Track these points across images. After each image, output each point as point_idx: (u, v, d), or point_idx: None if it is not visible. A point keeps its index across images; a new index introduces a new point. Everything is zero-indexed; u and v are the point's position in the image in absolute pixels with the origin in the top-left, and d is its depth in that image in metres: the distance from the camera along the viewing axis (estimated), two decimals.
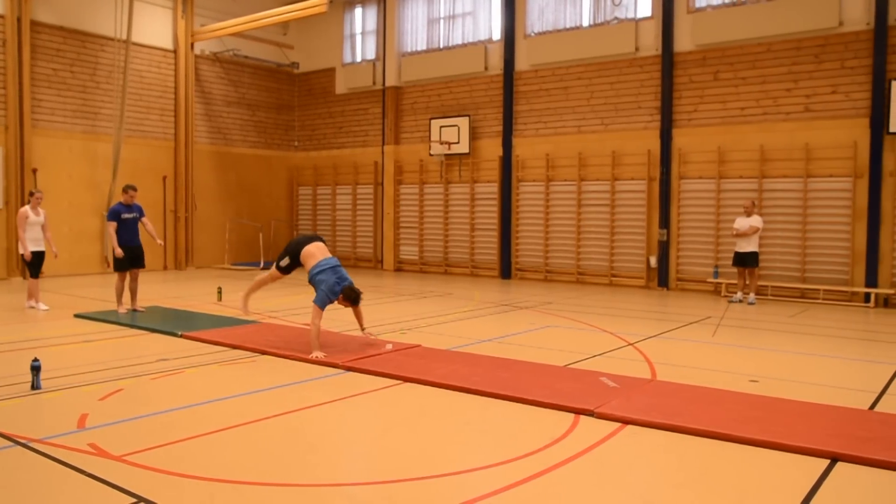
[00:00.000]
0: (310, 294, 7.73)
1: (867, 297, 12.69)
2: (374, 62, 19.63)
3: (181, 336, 8.42)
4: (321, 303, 7.25)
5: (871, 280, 12.71)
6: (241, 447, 4.61)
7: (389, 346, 7.66)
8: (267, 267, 18.74)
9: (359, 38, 20.23)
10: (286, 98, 21.48)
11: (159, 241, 10.79)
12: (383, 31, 19.28)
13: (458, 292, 13.94)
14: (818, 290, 13.13)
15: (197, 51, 18.96)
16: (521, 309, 11.65)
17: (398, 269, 19.20)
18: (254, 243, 19.78)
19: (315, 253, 7.61)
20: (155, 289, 11.99)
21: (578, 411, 5.32)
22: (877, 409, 5.72)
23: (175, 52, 18.41)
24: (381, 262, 19.60)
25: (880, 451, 4.39)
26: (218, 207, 19.58)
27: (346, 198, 20.54)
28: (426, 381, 6.24)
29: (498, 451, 4.55)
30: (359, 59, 20.22)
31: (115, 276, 10.55)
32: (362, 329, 7.98)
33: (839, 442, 4.57)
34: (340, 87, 20.49)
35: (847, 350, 8.52)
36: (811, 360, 7.81)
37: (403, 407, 5.66)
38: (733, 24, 14.05)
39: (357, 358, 7.03)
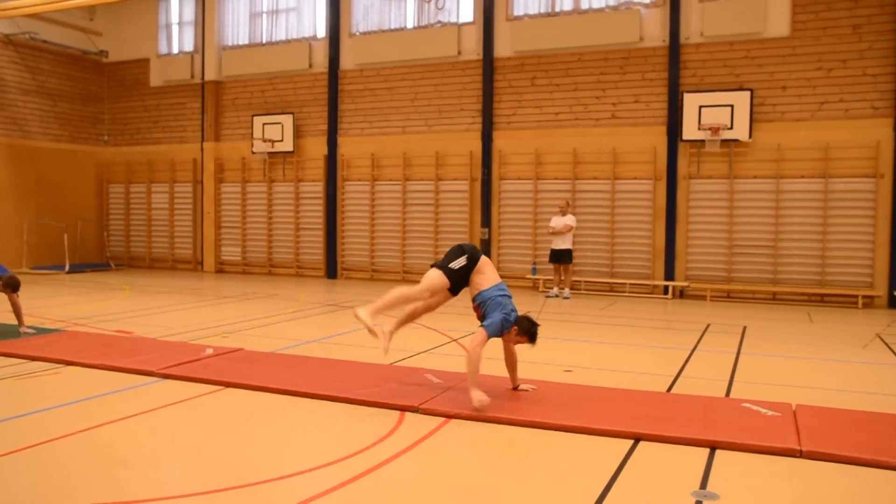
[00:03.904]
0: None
1: (666, 290, 13.89)
2: (192, 54, 18.73)
3: None
4: (493, 331, 5.44)
5: (669, 274, 13.93)
6: (41, 468, 4.23)
7: (209, 351, 7.36)
8: (75, 270, 17.43)
9: (175, 29, 19.22)
10: (94, 89, 19.96)
11: (24, 329, 8.47)
12: (202, 23, 18.45)
13: (282, 293, 13.65)
14: (625, 283, 14.19)
15: None
16: (348, 308, 11.59)
17: (220, 271, 18.49)
18: (58, 245, 18.19)
19: (492, 269, 5.81)
20: None
21: (403, 408, 5.39)
22: (673, 390, 6.27)
23: None
24: (202, 263, 18.77)
25: (676, 430, 4.82)
26: (13, 206, 17.82)
27: (163, 196, 19.46)
28: (248, 386, 6.06)
29: (323, 452, 4.50)
30: (175, 50, 19.21)
31: None
32: (516, 385, 5.96)
33: (641, 423, 4.97)
34: (155, 79, 19.36)
35: (648, 338, 9.27)
36: (618, 349, 8.42)
37: (224, 413, 5.45)
38: (548, 33, 14.84)
39: (173, 364, 6.67)
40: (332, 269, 17.10)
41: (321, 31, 17.23)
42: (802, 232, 13.25)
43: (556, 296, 13.53)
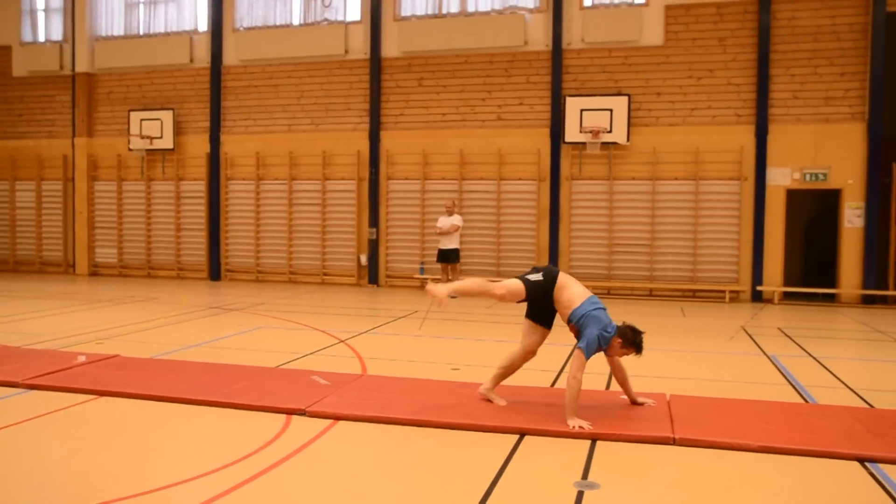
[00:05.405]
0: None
1: None
2: (61, 44, 17.67)
3: None
4: (591, 350, 5.00)
5: None
6: None
7: (82, 358, 6.96)
8: None
9: (41, 15, 18.06)
10: None
11: None
12: (72, 10, 17.44)
13: (162, 296, 13.11)
14: None
15: None
16: (232, 311, 11.29)
17: (94, 274, 17.54)
18: None
19: (577, 283, 5.38)
20: None
21: (290, 411, 5.29)
22: (556, 385, 6.47)
23: None
24: (74, 266, 17.75)
25: (559, 424, 4.96)
26: None
27: (29, 195, 18.23)
28: (125, 394, 5.77)
29: (205, 460, 4.35)
30: (42, 38, 18.05)
31: None
32: (634, 399, 5.53)
33: (526, 418, 5.09)
34: (19, 68, 18.11)
35: None
36: (503, 346, 8.55)
37: (98, 424, 5.17)
38: (435, 34, 14.96)
39: (41, 374, 6.26)
40: (215, 271, 16.57)
41: (203, 25, 16.66)
42: (676, 231, 13.99)
43: None
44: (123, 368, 6.60)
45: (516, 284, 5.32)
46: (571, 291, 5.23)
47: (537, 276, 5.30)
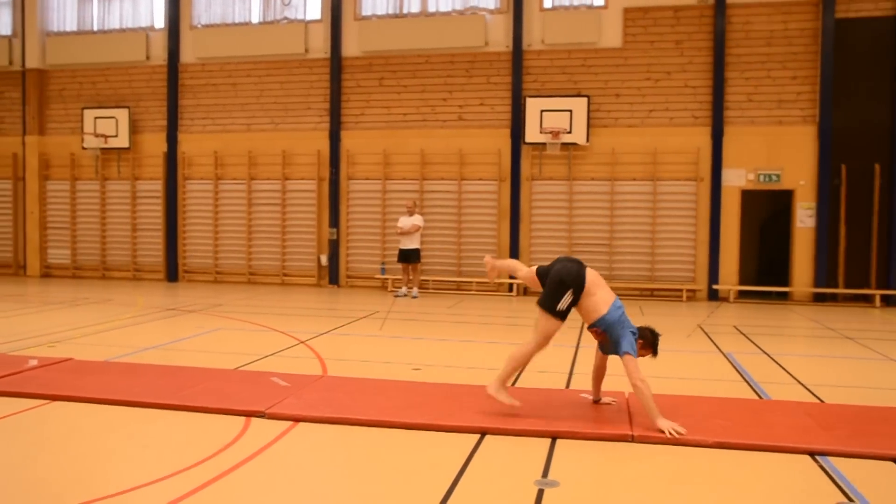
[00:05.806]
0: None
1: (510, 288, 14.39)
2: (10, 38, 17.21)
3: None
4: (635, 352, 5.04)
5: None
6: None
7: (33, 362, 6.79)
8: None
9: None
10: None
11: None
12: (22, 4, 17.00)
13: (118, 298, 12.86)
14: (471, 282, 14.56)
15: None
16: (189, 312, 11.13)
17: (46, 275, 17.14)
18: None
19: (601, 286, 5.17)
20: None
21: (249, 414, 5.23)
22: (517, 385, 6.49)
23: None
24: (25, 267, 17.31)
25: (520, 423, 5.00)
26: None
27: None
28: (78, 398, 5.64)
29: (163, 464, 4.28)
30: None
31: None
32: (598, 398, 5.62)
33: (487, 418, 5.11)
34: None
35: (494, 335, 9.56)
36: (465, 345, 8.61)
37: (51, 429, 5.04)
38: (396, 34, 14.94)
39: None
40: (172, 272, 16.31)
41: (159, 22, 16.39)
42: (634, 231, 14.18)
43: (405, 295, 13.65)
44: (77, 372, 6.45)
45: (555, 326, 5.14)
46: (597, 298, 5.09)
47: (567, 300, 5.04)
